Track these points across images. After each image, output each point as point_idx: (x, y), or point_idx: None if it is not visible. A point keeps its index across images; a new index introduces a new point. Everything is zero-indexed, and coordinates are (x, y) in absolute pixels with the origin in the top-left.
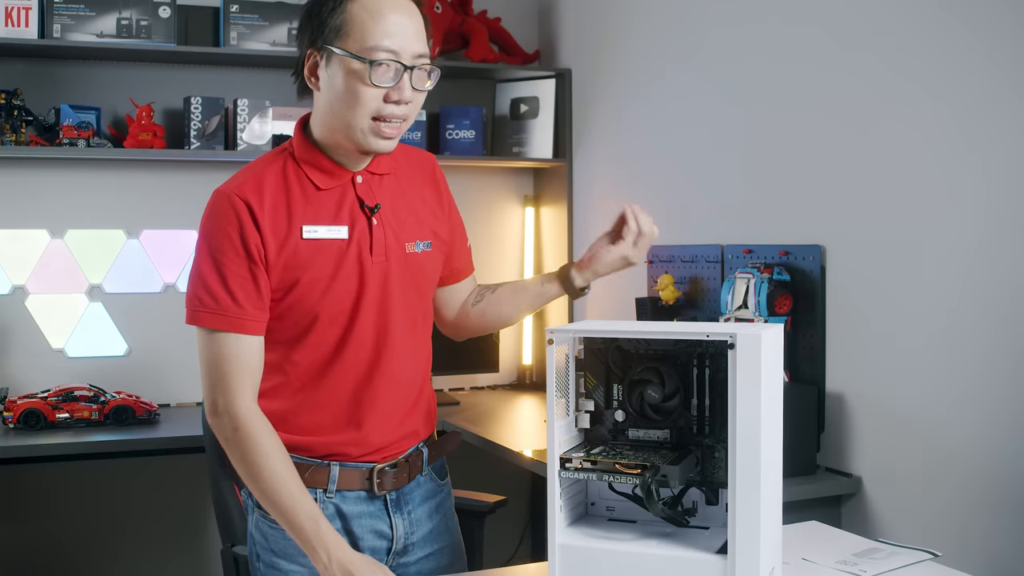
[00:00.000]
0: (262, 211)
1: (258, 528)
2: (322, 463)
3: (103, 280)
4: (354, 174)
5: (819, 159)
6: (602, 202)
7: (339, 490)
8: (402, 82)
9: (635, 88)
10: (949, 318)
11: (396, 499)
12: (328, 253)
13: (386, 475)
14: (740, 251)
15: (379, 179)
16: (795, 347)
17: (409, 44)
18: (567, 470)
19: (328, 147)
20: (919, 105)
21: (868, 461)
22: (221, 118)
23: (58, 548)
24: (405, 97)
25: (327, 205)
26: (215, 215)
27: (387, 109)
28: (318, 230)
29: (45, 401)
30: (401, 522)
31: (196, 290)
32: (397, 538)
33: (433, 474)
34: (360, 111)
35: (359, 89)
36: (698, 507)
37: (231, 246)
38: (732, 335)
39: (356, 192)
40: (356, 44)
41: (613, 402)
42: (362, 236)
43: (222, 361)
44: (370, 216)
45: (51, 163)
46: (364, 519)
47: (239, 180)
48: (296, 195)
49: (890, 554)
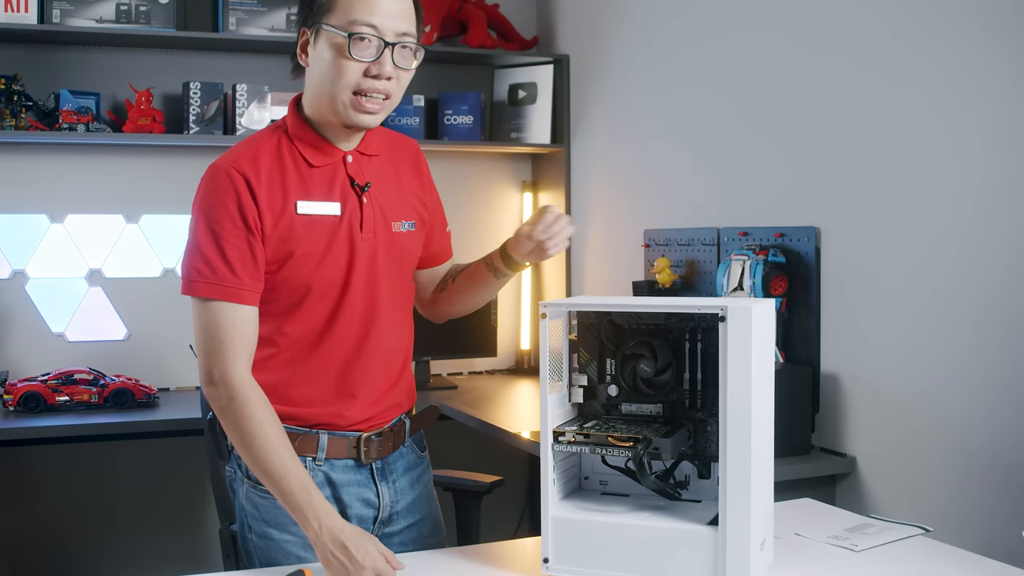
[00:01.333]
0: (259, 184)
1: (248, 499)
2: (311, 432)
3: (103, 264)
4: (345, 153)
5: (814, 141)
6: (600, 187)
7: (328, 458)
8: (383, 58)
9: (632, 74)
10: (942, 299)
11: (381, 468)
12: (321, 228)
13: (372, 444)
14: (736, 233)
15: (368, 159)
16: (790, 328)
17: (392, 22)
18: (560, 443)
19: (318, 124)
20: (914, 89)
21: (862, 441)
22: (220, 103)
23: (58, 530)
24: (385, 72)
25: (320, 182)
26: (213, 188)
27: (366, 83)
28: (312, 206)
29: (45, 384)
30: (387, 490)
31: (193, 261)
32: (383, 506)
33: (415, 446)
34: (341, 83)
35: (340, 62)
36: (690, 480)
37: (229, 218)
38: (723, 308)
39: (347, 170)
40: (340, 19)
41: (606, 376)
42: (353, 213)
43: (218, 330)
44: (360, 194)
45: (51, 148)
46: (352, 487)
47: (236, 154)
48: (290, 170)
49: (882, 529)
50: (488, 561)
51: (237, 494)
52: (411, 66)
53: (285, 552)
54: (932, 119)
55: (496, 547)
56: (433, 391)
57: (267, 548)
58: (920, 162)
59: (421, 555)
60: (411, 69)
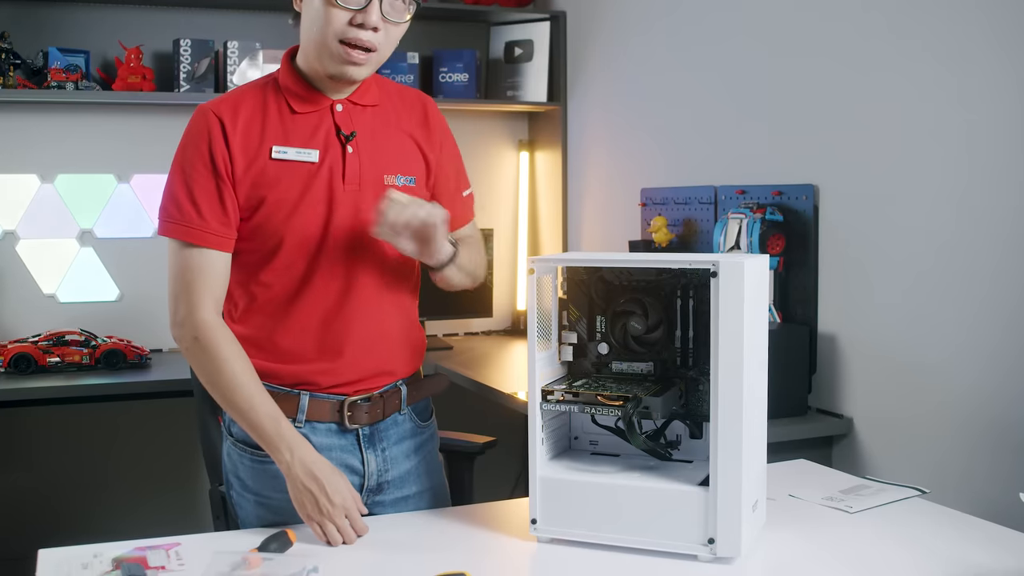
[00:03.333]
0: (234, 128)
1: (229, 456)
2: (291, 391)
3: (94, 225)
4: (334, 102)
5: (812, 99)
6: (597, 145)
7: (308, 420)
8: (370, 7)
9: (629, 31)
10: (941, 258)
11: (370, 435)
12: (296, 175)
13: (358, 409)
14: (733, 192)
15: (361, 109)
16: (787, 288)
17: None
18: (549, 402)
19: (308, 75)
20: (913, 47)
21: (859, 402)
22: (211, 60)
23: (50, 491)
24: (370, 22)
25: (301, 129)
26: (189, 131)
27: (351, 32)
28: (287, 151)
29: (36, 345)
30: (374, 458)
31: (165, 202)
32: (369, 474)
33: (413, 415)
34: (328, 31)
35: (327, 9)
36: (682, 440)
37: (200, 160)
38: (715, 263)
39: (334, 119)
40: None
41: (596, 334)
42: (335, 162)
43: (185, 271)
44: (344, 143)
45: (40, 107)
46: (334, 452)
47: (220, 99)
48: (272, 117)
49: (877, 491)
50: (476, 522)
51: (222, 450)
52: (403, 19)
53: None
54: (931, 77)
55: (484, 508)
56: (429, 352)
57: (246, 504)
58: (920, 120)
59: (407, 516)
60: (402, 23)
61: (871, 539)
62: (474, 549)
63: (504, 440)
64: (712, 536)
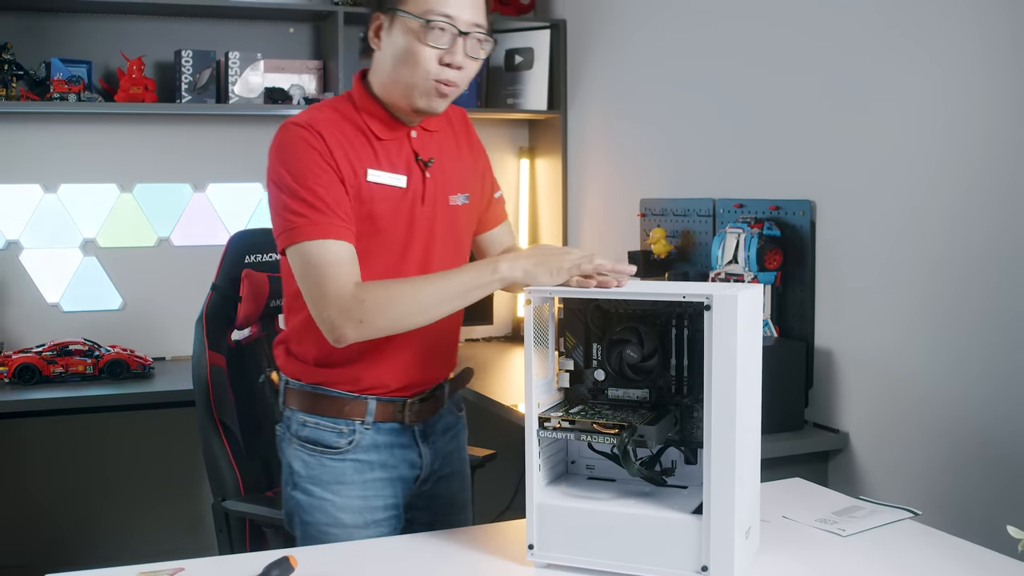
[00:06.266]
0: (334, 145)
1: (297, 457)
2: (360, 397)
3: (97, 234)
4: (409, 128)
5: (810, 115)
6: (597, 154)
7: (376, 422)
8: (456, 47)
9: (630, 40)
10: (937, 275)
11: (423, 430)
12: (388, 198)
13: (415, 408)
14: (731, 205)
15: (430, 135)
16: (784, 302)
17: (465, 12)
18: (546, 429)
19: (387, 104)
20: (911, 64)
21: (855, 417)
22: (212, 71)
23: (52, 501)
24: (457, 61)
25: (387, 154)
26: (292, 143)
27: (443, 73)
28: (381, 175)
29: (40, 356)
30: (428, 451)
31: (280, 216)
32: (424, 466)
33: (453, 407)
34: (419, 71)
35: (417, 49)
36: (677, 466)
37: (315, 164)
38: (708, 296)
39: (412, 145)
40: (416, 7)
41: (593, 361)
42: (416, 187)
43: (323, 266)
44: (424, 169)
45: (43, 117)
46: (397, 449)
47: (311, 116)
48: (360, 139)
49: (870, 512)
50: (474, 545)
51: (284, 454)
52: (481, 56)
53: (325, 511)
54: (929, 95)
55: (482, 530)
56: None
57: (310, 506)
58: (917, 137)
59: (405, 539)
60: (481, 59)
61: (862, 564)
62: (471, 573)
63: (504, 451)
64: (706, 564)
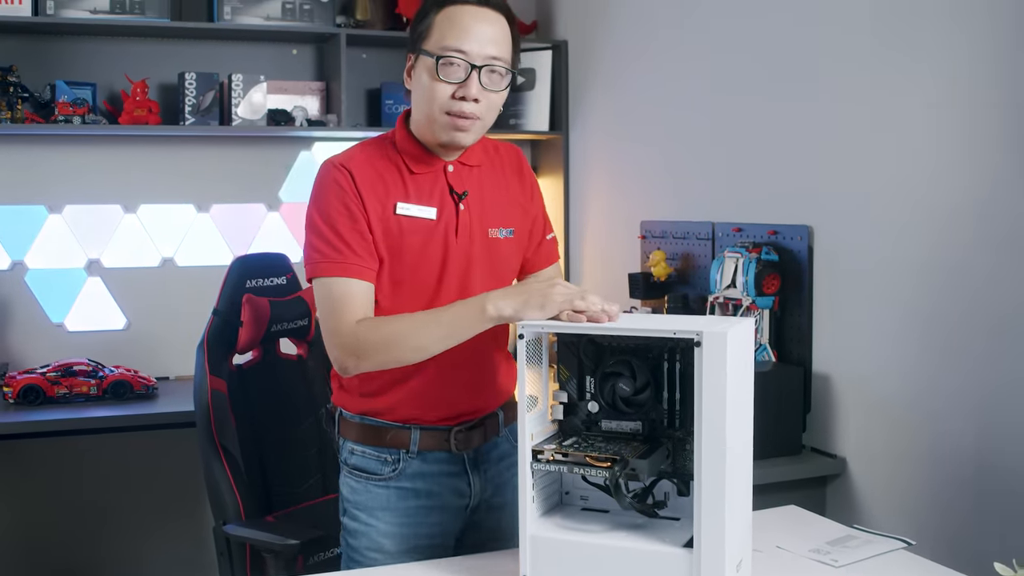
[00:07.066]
0: (363, 181)
1: (345, 483)
2: (403, 427)
3: (101, 255)
4: (446, 163)
5: (809, 140)
6: (598, 175)
7: (420, 451)
8: (470, 80)
9: (631, 62)
10: (935, 301)
11: (474, 458)
12: (417, 229)
13: (463, 436)
14: (730, 229)
15: (469, 169)
16: (782, 327)
17: (482, 47)
18: (539, 462)
19: (422, 141)
20: (910, 90)
21: (853, 442)
22: (216, 93)
23: (57, 523)
24: (471, 94)
25: (420, 188)
26: (324, 183)
27: (455, 106)
28: (410, 208)
29: (44, 377)
30: (478, 480)
31: (308, 251)
32: (474, 495)
33: (510, 435)
34: (434, 105)
35: (431, 85)
36: (670, 498)
37: (340, 202)
38: (699, 333)
39: (447, 179)
40: (433, 45)
41: (586, 394)
42: (449, 219)
43: (335, 300)
44: (458, 201)
45: (48, 139)
46: (443, 478)
47: (346, 155)
48: (393, 175)
49: (864, 542)
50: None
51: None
52: (500, 88)
53: (369, 536)
54: (927, 120)
55: (477, 560)
56: None
57: (355, 531)
58: (915, 162)
59: (404, 567)
60: (500, 91)
61: None
62: None
63: None
64: None
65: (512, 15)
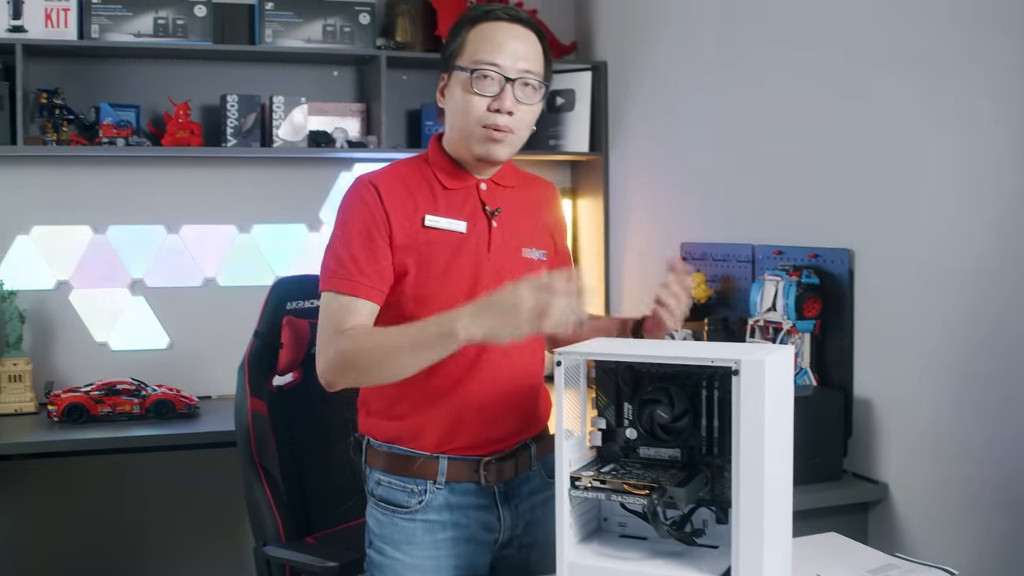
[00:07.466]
0: (390, 197)
1: (372, 515)
2: (431, 456)
3: (145, 275)
4: (479, 180)
5: (850, 163)
6: (638, 196)
7: (448, 482)
8: (504, 93)
9: (670, 82)
10: (978, 326)
11: (504, 491)
12: (446, 242)
13: (492, 467)
14: (771, 252)
15: (502, 189)
16: (823, 351)
17: (514, 61)
18: (577, 489)
19: (456, 157)
20: (954, 115)
21: (895, 468)
22: (257, 115)
23: (98, 540)
24: (506, 107)
25: (451, 202)
26: (349, 198)
27: (491, 118)
28: (439, 221)
29: (88, 395)
30: (508, 514)
31: (325, 261)
32: (503, 530)
33: (542, 470)
34: (469, 119)
35: (466, 98)
36: (709, 525)
37: (359, 220)
38: (736, 361)
39: (480, 196)
40: (466, 60)
41: (624, 420)
42: (481, 234)
43: (334, 315)
44: (490, 217)
45: (92, 161)
46: (471, 511)
47: (377, 172)
48: (424, 190)
49: (906, 572)
50: None
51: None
52: (533, 101)
53: (395, 570)
54: (971, 144)
55: None
56: None
57: (381, 564)
58: (957, 186)
59: None
60: (534, 104)
61: None
62: None
63: None
64: None
65: (543, 32)
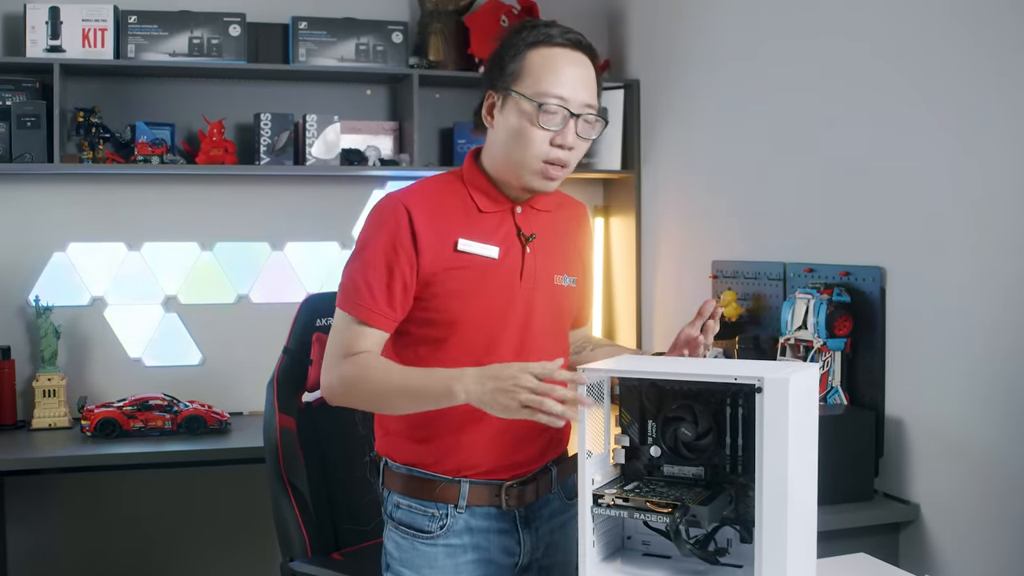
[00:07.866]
0: (421, 218)
1: (390, 538)
2: (452, 480)
3: (178, 291)
4: (515, 204)
5: (882, 180)
6: (670, 214)
7: (469, 506)
8: (567, 128)
9: (702, 100)
10: (1011, 343)
11: (525, 515)
12: (477, 268)
13: (514, 491)
14: (802, 270)
15: (537, 213)
16: (854, 370)
17: (578, 94)
18: (600, 507)
19: (495, 179)
20: (986, 133)
21: (926, 488)
22: (290, 133)
23: (127, 554)
24: (568, 142)
25: (485, 226)
26: (378, 216)
27: (552, 153)
28: (472, 245)
29: (120, 410)
30: (529, 538)
31: (344, 276)
32: (523, 553)
33: (562, 493)
34: (529, 152)
35: (529, 130)
36: (733, 544)
37: (382, 244)
38: (760, 379)
39: (515, 220)
40: (530, 88)
41: (648, 438)
42: (514, 261)
43: (344, 340)
44: (525, 243)
45: (127, 178)
46: (492, 535)
47: (410, 189)
48: (458, 212)
49: None
50: None
51: (384, 534)
52: (593, 137)
53: None
54: (1003, 162)
55: None
56: None
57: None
58: (990, 203)
59: None
60: (591, 140)
61: None
62: None
63: None
64: None
65: (597, 56)
